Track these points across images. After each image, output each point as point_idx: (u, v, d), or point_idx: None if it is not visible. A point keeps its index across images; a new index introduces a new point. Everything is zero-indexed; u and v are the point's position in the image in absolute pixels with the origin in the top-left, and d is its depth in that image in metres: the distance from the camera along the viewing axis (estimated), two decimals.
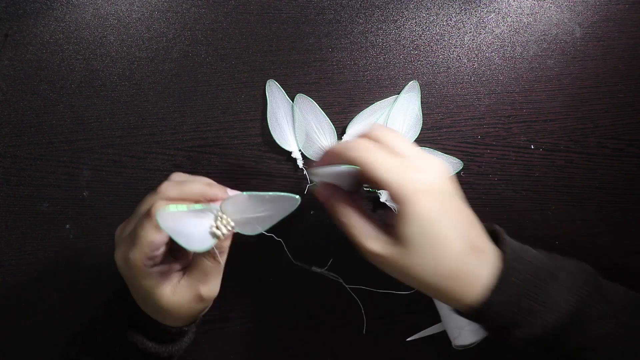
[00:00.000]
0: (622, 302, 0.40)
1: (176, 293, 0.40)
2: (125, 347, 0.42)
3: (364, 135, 0.39)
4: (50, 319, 0.53)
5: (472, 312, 0.37)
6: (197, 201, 0.39)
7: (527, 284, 0.37)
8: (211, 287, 0.41)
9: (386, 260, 0.37)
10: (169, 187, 0.39)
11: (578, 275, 0.39)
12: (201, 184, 0.40)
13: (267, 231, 0.39)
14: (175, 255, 0.42)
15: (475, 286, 0.36)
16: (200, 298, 0.40)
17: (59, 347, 0.53)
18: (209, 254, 0.39)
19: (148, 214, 0.37)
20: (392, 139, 0.38)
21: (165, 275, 0.40)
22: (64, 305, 0.53)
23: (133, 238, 0.37)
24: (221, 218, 0.38)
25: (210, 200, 0.39)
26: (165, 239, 0.37)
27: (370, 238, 0.37)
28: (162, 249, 0.38)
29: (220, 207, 0.38)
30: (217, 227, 0.38)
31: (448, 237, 0.36)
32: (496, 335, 0.38)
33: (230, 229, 0.39)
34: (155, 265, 0.39)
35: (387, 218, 0.39)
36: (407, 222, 0.35)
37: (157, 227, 0.36)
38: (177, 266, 0.41)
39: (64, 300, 0.53)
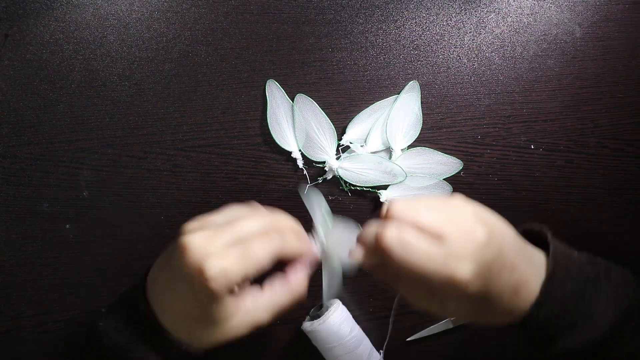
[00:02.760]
0: None
1: (242, 316, 0.37)
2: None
3: (389, 216, 0.35)
4: (50, 319, 0.53)
5: (516, 326, 0.37)
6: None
7: (570, 297, 0.36)
8: (268, 314, 0.38)
9: (470, 315, 0.37)
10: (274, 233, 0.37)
11: (620, 287, 0.38)
12: (297, 239, 0.38)
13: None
14: None
15: (526, 298, 0.36)
16: (258, 327, 0.38)
17: (59, 348, 0.53)
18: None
19: (269, 239, 0.36)
20: (416, 215, 0.34)
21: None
22: (64, 305, 0.53)
23: (247, 252, 0.35)
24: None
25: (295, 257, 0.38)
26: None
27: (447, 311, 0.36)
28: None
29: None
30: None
31: (498, 297, 0.34)
32: (537, 348, 0.38)
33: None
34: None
35: None
36: (457, 301, 0.34)
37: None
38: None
39: (64, 300, 0.53)
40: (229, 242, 0.36)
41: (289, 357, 0.55)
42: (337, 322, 0.50)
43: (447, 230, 0.33)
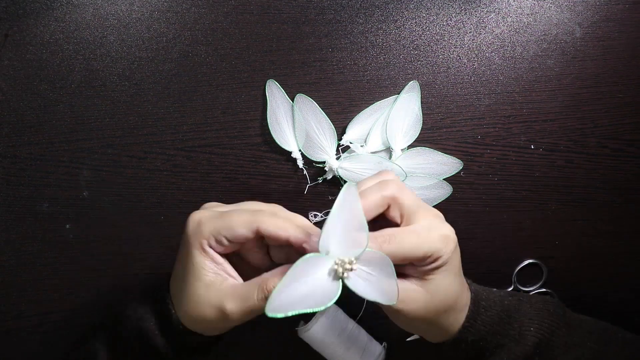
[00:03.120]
0: (591, 330, 0.42)
1: (210, 291, 0.36)
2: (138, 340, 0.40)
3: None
4: (50, 319, 0.53)
5: (447, 345, 0.39)
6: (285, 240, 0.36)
7: (495, 321, 0.39)
8: (238, 310, 0.37)
9: (414, 309, 0.37)
10: (271, 221, 0.36)
11: (542, 308, 0.41)
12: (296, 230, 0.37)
13: None
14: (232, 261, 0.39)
15: (460, 318, 0.38)
16: (254, 308, 0.37)
17: (59, 348, 0.53)
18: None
19: (251, 216, 0.36)
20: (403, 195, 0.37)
21: (218, 269, 0.37)
22: (64, 305, 0.53)
23: (221, 217, 0.36)
24: (341, 261, 0.33)
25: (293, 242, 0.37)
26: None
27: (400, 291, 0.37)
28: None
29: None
30: (341, 265, 0.33)
31: (462, 278, 0.38)
32: None
33: (354, 267, 0.33)
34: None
35: (404, 270, 0.37)
36: (444, 273, 0.36)
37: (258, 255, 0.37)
38: (228, 270, 0.38)
39: (64, 300, 0.53)
40: (217, 211, 0.37)
41: (290, 357, 0.55)
42: (329, 322, 0.50)
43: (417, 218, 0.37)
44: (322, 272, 0.33)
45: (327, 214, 0.54)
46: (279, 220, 0.36)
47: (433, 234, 0.36)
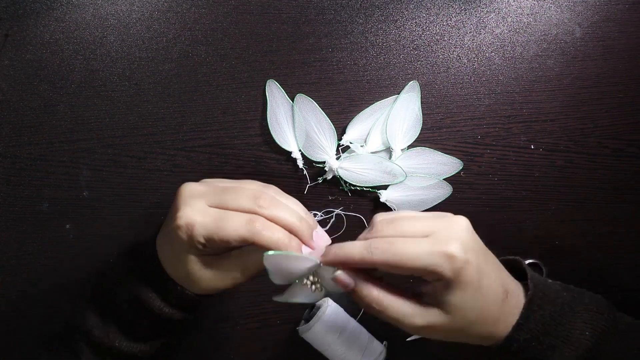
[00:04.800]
0: (636, 336, 0.41)
1: (217, 274, 0.39)
2: (134, 305, 0.41)
3: (369, 230, 0.37)
4: (50, 319, 0.53)
5: (498, 348, 0.38)
6: (286, 227, 0.38)
7: (548, 321, 0.38)
8: (245, 275, 0.39)
9: (434, 330, 0.37)
10: (266, 203, 0.37)
11: (596, 310, 0.40)
12: (295, 218, 0.38)
13: None
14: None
15: (506, 325, 0.37)
16: (235, 282, 0.40)
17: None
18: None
19: (248, 225, 0.36)
20: (402, 227, 0.36)
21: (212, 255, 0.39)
22: (63, 305, 0.53)
23: (222, 221, 0.36)
24: (315, 278, 0.38)
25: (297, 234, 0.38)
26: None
27: (412, 316, 0.36)
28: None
29: (320, 266, 0.37)
30: (313, 283, 0.38)
31: (491, 291, 0.36)
32: None
33: (320, 291, 0.38)
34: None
35: (418, 288, 0.38)
36: (457, 292, 0.35)
37: (251, 238, 0.36)
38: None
39: (64, 300, 0.53)
40: (214, 202, 0.37)
41: (291, 357, 0.55)
42: (330, 320, 0.50)
43: (429, 227, 0.36)
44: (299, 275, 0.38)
45: (327, 212, 0.54)
46: (274, 233, 0.37)
47: (435, 248, 0.34)
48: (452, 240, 0.35)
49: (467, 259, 0.34)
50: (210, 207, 0.37)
